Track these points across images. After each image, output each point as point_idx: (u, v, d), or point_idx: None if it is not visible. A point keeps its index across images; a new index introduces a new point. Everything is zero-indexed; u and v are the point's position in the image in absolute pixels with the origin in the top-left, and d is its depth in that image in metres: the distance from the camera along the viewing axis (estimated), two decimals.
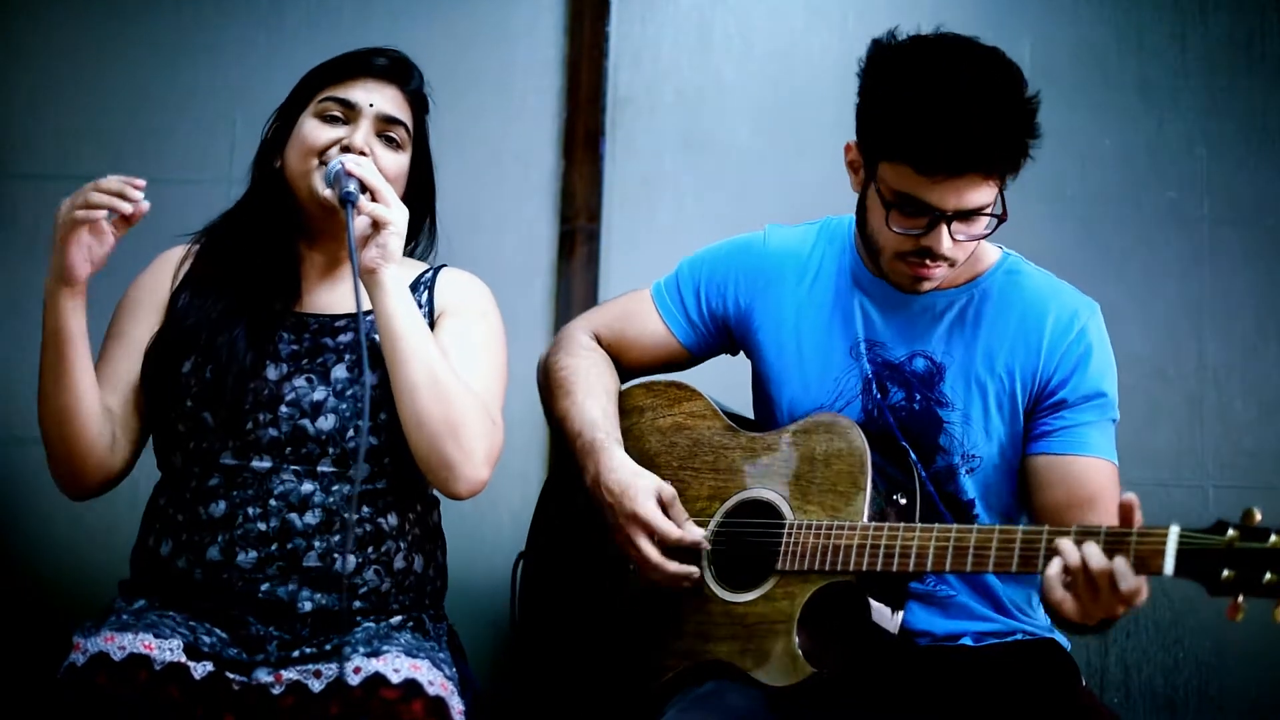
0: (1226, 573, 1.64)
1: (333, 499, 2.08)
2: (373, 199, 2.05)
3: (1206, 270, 2.96)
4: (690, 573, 2.07)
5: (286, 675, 2.00)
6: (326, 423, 2.10)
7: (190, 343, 2.14)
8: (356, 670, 1.96)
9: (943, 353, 2.15)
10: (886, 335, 2.17)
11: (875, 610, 1.98)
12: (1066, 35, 3.01)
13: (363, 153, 2.13)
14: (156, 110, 2.98)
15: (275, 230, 2.19)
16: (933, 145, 1.93)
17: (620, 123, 3.00)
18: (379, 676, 1.94)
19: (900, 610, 2.02)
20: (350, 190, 2.04)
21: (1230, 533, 1.66)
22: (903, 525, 1.95)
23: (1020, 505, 2.18)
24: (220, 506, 2.08)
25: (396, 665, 1.96)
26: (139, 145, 2.98)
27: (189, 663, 1.96)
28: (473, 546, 2.65)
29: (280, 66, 2.27)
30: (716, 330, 2.31)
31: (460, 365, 2.11)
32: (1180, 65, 3.00)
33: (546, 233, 2.97)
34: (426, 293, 2.23)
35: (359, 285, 1.98)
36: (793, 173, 2.97)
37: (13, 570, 2.88)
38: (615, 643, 2.18)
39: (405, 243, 2.11)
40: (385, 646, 2.01)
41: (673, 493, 2.12)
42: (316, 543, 2.07)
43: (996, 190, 2.02)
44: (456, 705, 1.98)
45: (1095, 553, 1.74)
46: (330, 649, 2.02)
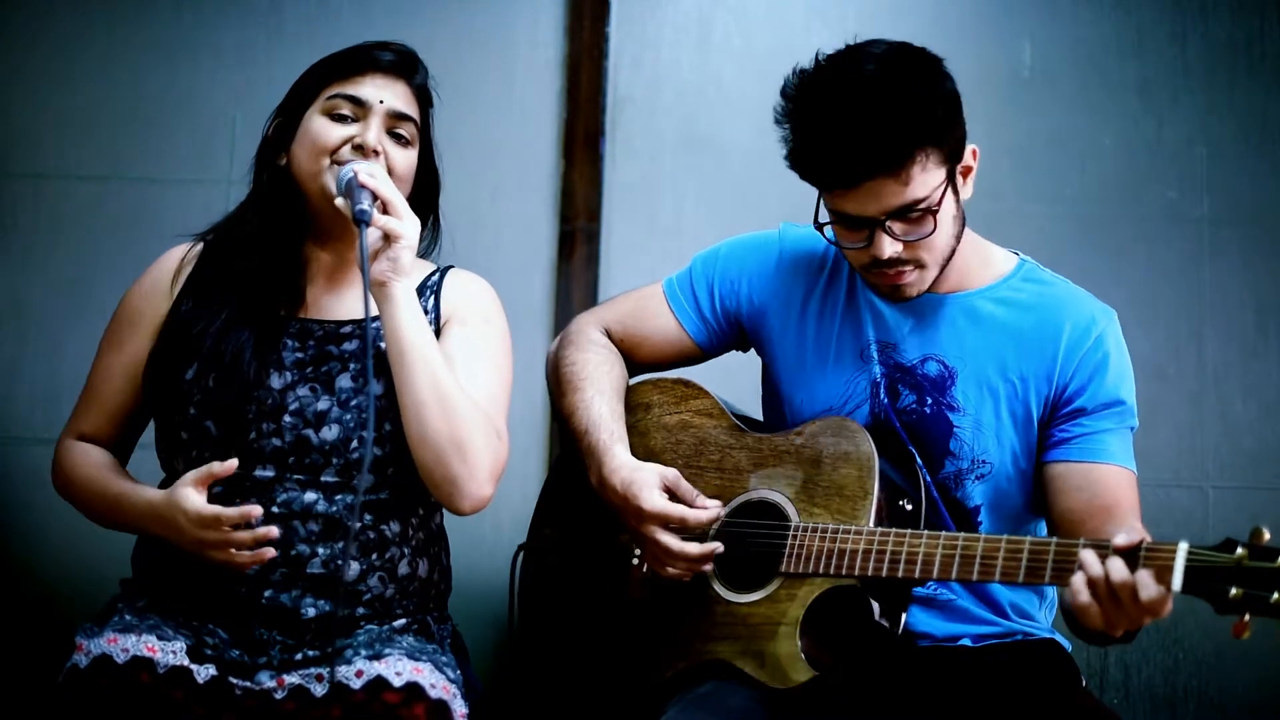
0: (1234, 591, 1.64)
1: (335, 508, 2.06)
2: (384, 210, 2.03)
3: (1206, 270, 2.96)
4: (714, 548, 2.06)
5: (289, 679, 1.99)
6: (330, 433, 2.08)
7: (194, 350, 2.11)
8: (359, 674, 1.95)
9: (955, 357, 2.13)
10: (899, 337, 2.16)
11: (876, 624, 1.98)
12: (1066, 35, 3.01)
13: (375, 151, 2.10)
14: (156, 110, 2.98)
15: (281, 231, 2.16)
16: (821, 166, 1.99)
17: (620, 123, 3.00)
18: (381, 680, 1.94)
19: (900, 622, 2.02)
20: (364, 208, 2.01)
21: (1239, 551, 1.65)
22: (909, 531, 1.94)
23: (1034, 512, 2.17)
24: None
25: (398, 668, 1.96)
26: (139, 145, 2.98)
27: (192, 666, 1.95)
28: (474, 547, 2.65)
29: (280, 66, 2.27)
30: (729, 327, 2.30)
31: (466, 375, 2.10)
32: (1180, 65, 3.00)
33: (546, 233, 2.97)
34: (433, 297, 2.21)
35: (369, 301, 1.97)
36: (792, 173, 2.96)
37: (13, 570, 2.88)
38: (616, 640, 2.17)
39: None
40: (387, 650, 2.01)
41: (675, 474, 2.10)
42: (320, 550, 2.05)
43: (925, 172, 1.97)
44: (459, 709, 1.98)
45: (1118, 566, 1.73)
46: (332, 652, 2.02)
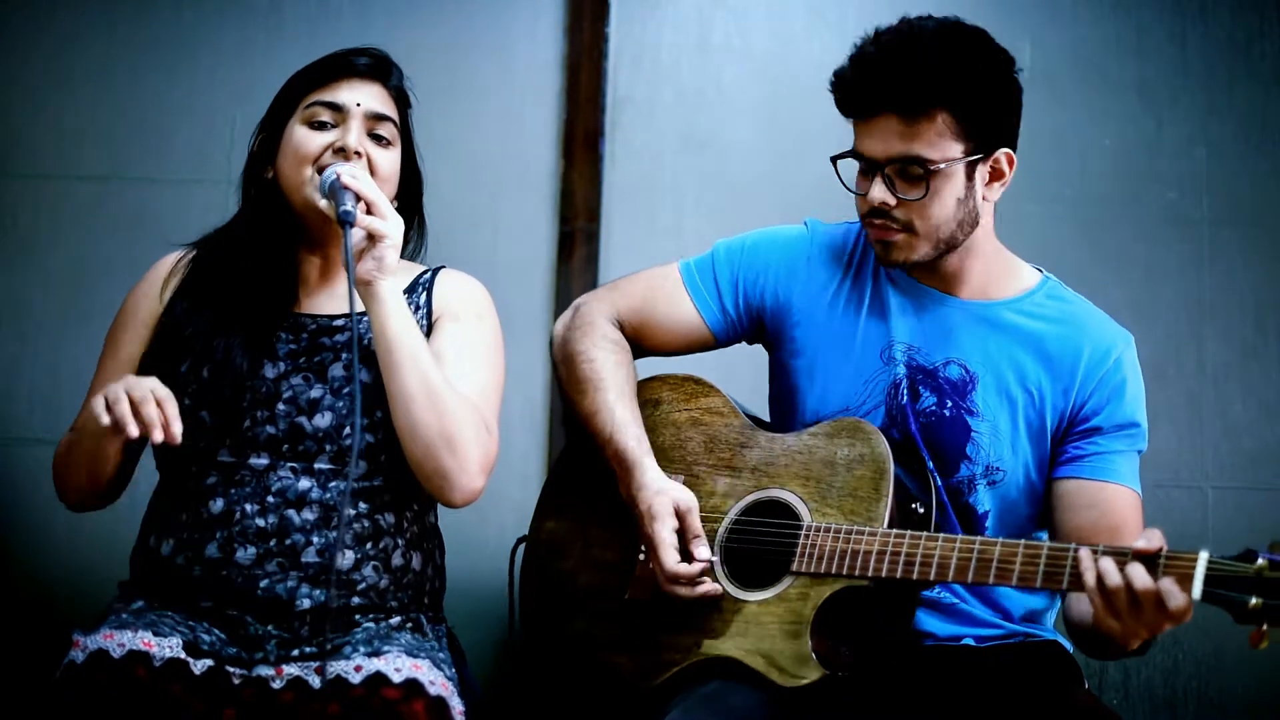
0: (1254, 601, 1.65)
1: (330, 495, 2.09)
2: (368, 211, 2.05)
3: (1206, 270, 2.96)
4: (705, 592, 2.05)
5: (287, 670, 2.00)
6: (323, 420, 2.11)
7: (187, 347, 2.15)
8: (358, 669, 1.96)
9: (977, 362, 2.14)
10: (922, 340, 2.16)
11: (885, 626, 1.97)
12: (1066, 36, 3.01)
13: (357, 153, 2.13)
14: (156, 110, 2.98)
15: (272, 240, 2.19)
16: (846, 87, 2.05)
17: (620, 123, 3.00)
18: (380, 676, 1.95)
19: (908, 624, 2.02)
20: (348, 209, 2.03)
21: (1260, 561, 1.66)
22: (924, 534, 1.93)
23: (1038, 525, 2.18)
24: (219, 504, 2.09)
25: (398, 665, 1.97)
26: (139, 145, 2.98)
27: (188, 659, 1.96)
28: (473, 548, 2.64)
29: (280, 67, 2.27)
30: (749, 320, 2.28)
31: (456, 372, 2.12)
32: (1180, 66, 3.00)
33: (546, 233, 2.97)
34: (425, 294, 2.24)
35: (354, 299, 1.99)
36: (792, 173, 2.97)
37: (13, 570, 2.89)
38: (620, 637, 2.16)
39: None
40: (386, 646, 2.01)
41: (691, 502, 2.10)
42: (315, 538, 2.07)
43: (936, 132, 2.01)
44: (457, 705, 1.99)
45: (1140, 574, 1.73)
46: (330, 648, 2.03)
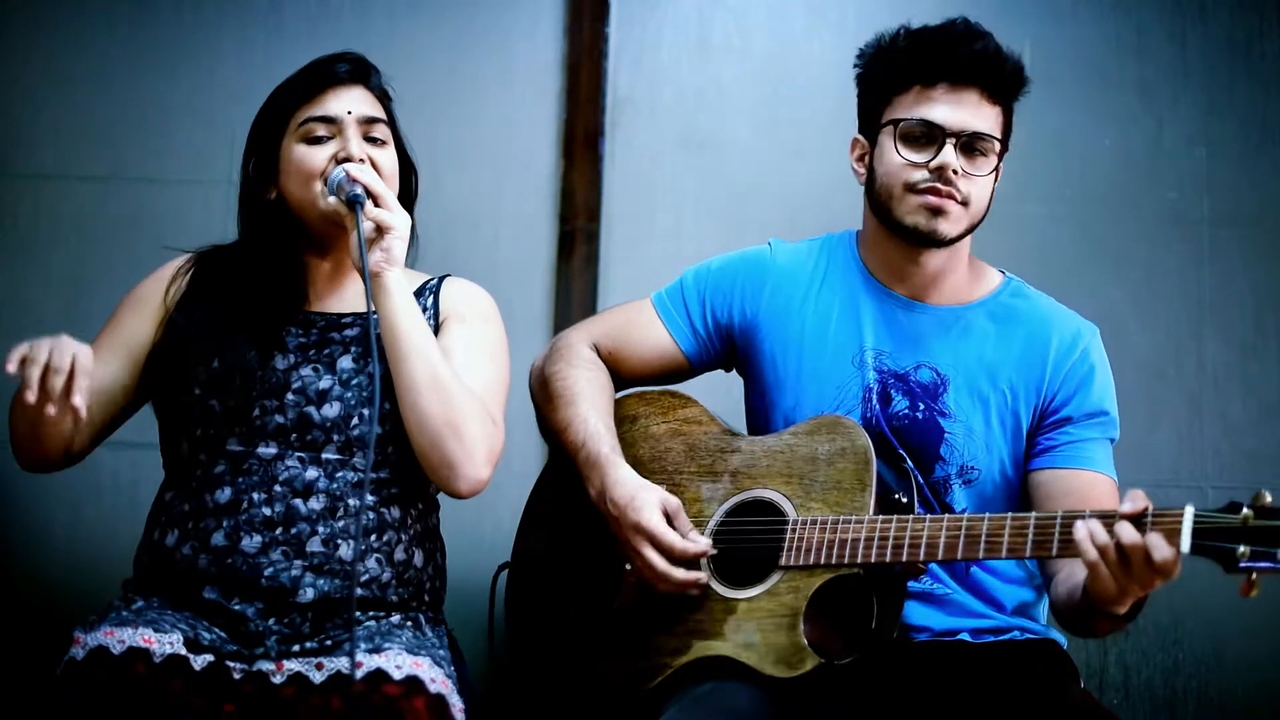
0: (1242, 549, 1.68)
1: (337, 485, 2.10)
2: (376, 205, 2.09)
3: (1206, 270, 2.96)
4: (697, 579, 2.07)
5: (288, 665, 2.01)
6: (331, 410, 2.12)
7: (198, 340, 2.16)
8: (358, 665, 1.96)
9: (948, 365, 2.17)
10: (892, 345, 2.20)
11: (876, 615, 1.98)
12: (1066, 36, 3.01)
13: (361, 160, 2.15)
14: (156, 110, 2.98)
15: (280, 254, 2.22)
16: (937, 54, 2.11)
17: (620, 123, 3.00)
18: (381, 672, 1.96)
19: (898, 616, 2.02)
20: (358, 193, 2.08)
21: (1245, 512, 1.70)
22: (911, 517, 1.96)
23: None
24: (226, 493, 2.10)
25: (398, 662, 1.98)
26: (139, 145, 2.98)
27: (188, 655, 1.97)
28: (472, 546, 2.64)
29: (280, 67, 2.27)
30: (720, 340, 2.32)
31: (463, 368, 2.14)
32: (1180, 66, 3.00)
33: (546, 233, 2.97)
34: (431, 298, 2.26)
35: (369, 282, 2.03)
36: (792, 173, 2.97)
37: (13, 570, 2.88)
38: (611, 644, 2.17)
39: None
40: (386, 644, 2.02)
41: (677, 504, 2.12)
42: (320, 528, 2.08)
43: (998, 122, 2.14)
44: (456, 703, 1.99)
45: (1128, 530, 1.76)
46: (331, 644, 2.04)
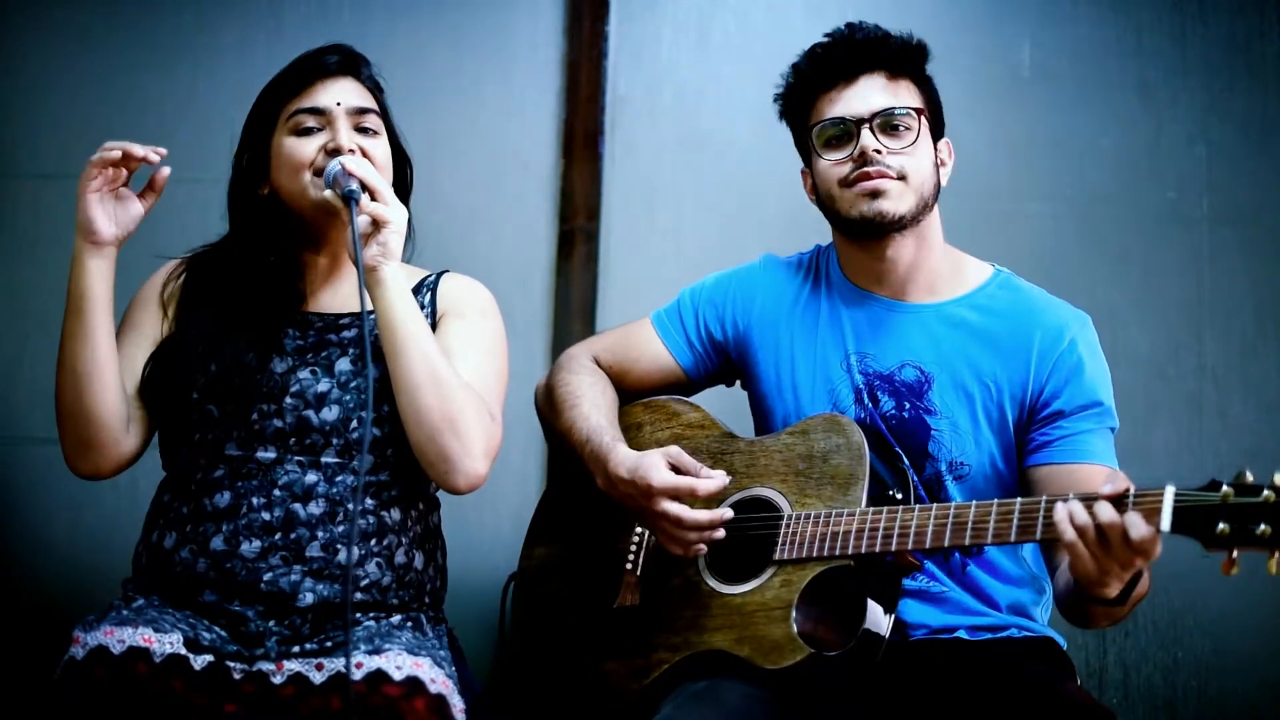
0: (1222, 527, 1.68)
1: (336, 489, 2.10)
2: (372, 198, 2.08)
3: (1206, 270, 2.96)
4: (723, 515, 2.08)
5: (288, 665, 2.01)
6: (330, 414, 2.12)
7: (195, 344, 2.16)
8: (358, 665, 1.96)
9: (931, 362, 2.19)
10: (875, 346, 2.22)
11: (870, 609, 1.98)
12: (1066, 36, 3.01)
13: (350, 150, 2.14)
14: (156, 110, 2.98)
15: (274, 250, 2.21)
16: (826, 60, 2.20)
17: (619, 122, 3.00)
18: (381, 673, 1.95)
19: (892, 612, 2.02)
20: (353, 188, 2.07)
21: (1225, 489, 1.70)
22: (900, 508, 1.98)
23: None
24: (225, 497, 2.10)
25: (399, 662, 1.98)
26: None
27: (188, 654, 1.97)
28: (472, 546, 2.65)
29: (279, 67, 2.27)
30: (716, 354, 2.35)
31: (461, 363, 2.13)
32: (1180, 65, 3.00)
33: (546, 232, 2.97)
34: (429, 294, 2.26)
35: (364, 278, 2.02)
36: (791, 172, 2.95)
37: (13, 570, 2.89)
38: (610, 642, 2.18)
39: None
40: (387, 644, 2.02)
41: (677, 449, 2.13)
42: (320, 533, 2.08)
43: (912, 94, 2.19)
44: (457, 703, 1.99)
45: (1106, 509, 1.77)
46: (330, 645, 2.03)
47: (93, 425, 2.10)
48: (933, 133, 2.21)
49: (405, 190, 2.29)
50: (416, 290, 2.24)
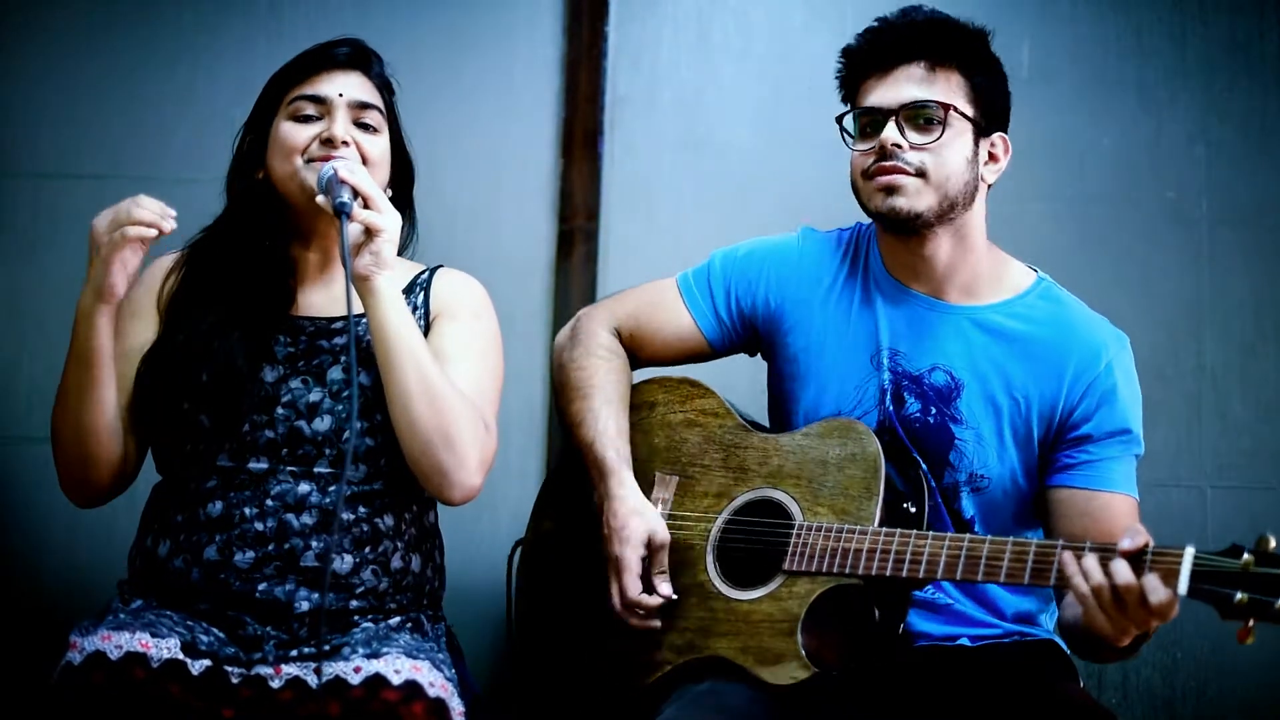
0: (1240, 596, 1.65)
1: (329, 499, 2.08)
2: (365, 205, 2.05)
3: (1205, 270, 2.96)
4: (649, 625, 2.09)
5: (286, 669, 2.00)
6: (322, 424, 2.11)
7: (186, 349, 2.14)
8: (357, 669, 1.96)
9: (963, 368, 2.14)
10: (908, 345, 2.17)
11: (877, 625, 1.97)
12: (1065, 36, 3.01)
13: (345, 142, 2.13)
14: (156, 110, 2.98)
15: (266, 238, 2.19)
16: (868, 45, 2.14)
17: (619, 122, 3.00)
18: (379, 677, 1.94)
19: (900, 624, 2.02)
20: (344, 200, 2.03)
21: (1245, 557, 1.66)
22: (914, 532, 1.94)
23: (1024, 525, 2.18)
24: (218, 506, 2.09)
25: (397, 666, 1.97)
26: (139, 145, 2.98)
27: (186, 659, 1.96)
28: (472, 546, 2.65)
29: (279, 67, 2.27)
30: (743, 328, 2.30)
31: (455, 369, 2.12)
32: (1179, 66, 3.00)
33: (545, 232, 2.97)
34: (423, 294, 2.24)
35: (352, 295, 1.98)
36: (791, 173, 2.97)
37: (11, 570, 2.88)
38: (614, 636, 2.17)
39: None
40: (385, 648, 2.01)
41: (664, 540, 2.11)
42: (314, 542, 2.07)
43: (950, 87, 2.11)
44: (456, 706, 1.99)
45: (1123, 570, 1.75)
46: (329, 649, 2.02)
47: (94, 470, 2.12)
48: (977, 127, 2.12)
49: (406, 196, 2.28)
50: (410, 289, 2.23)
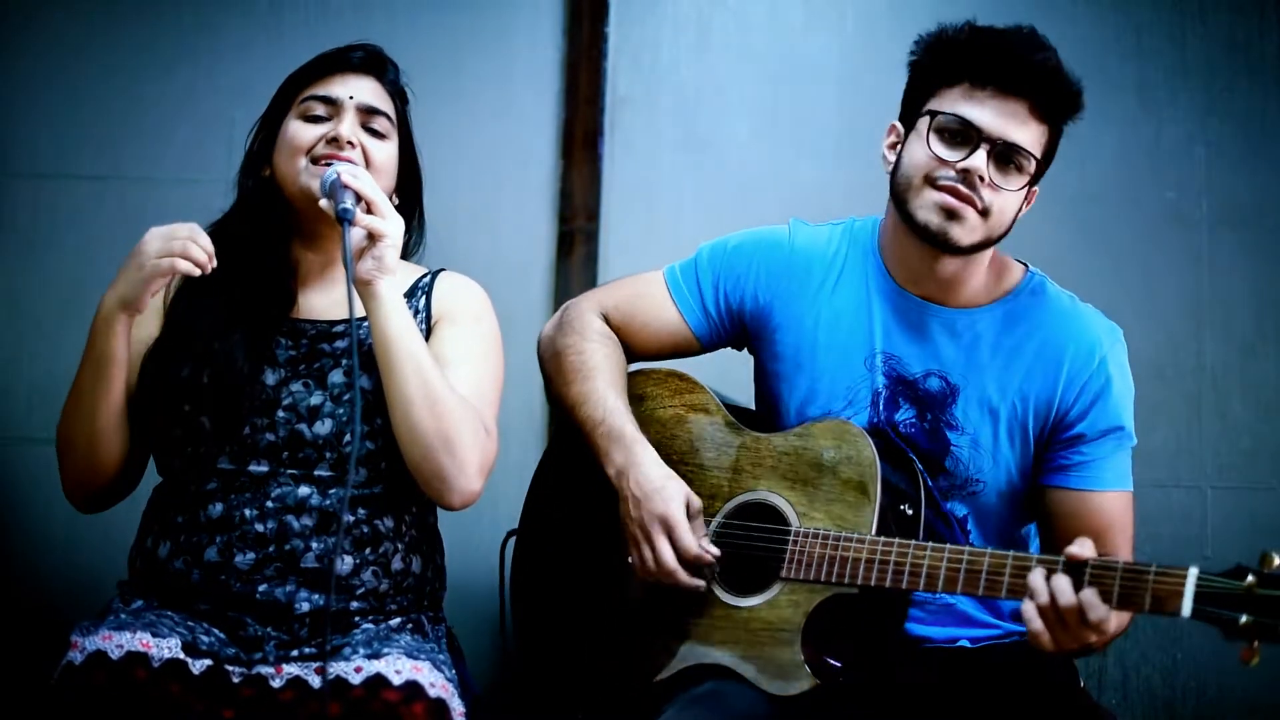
0: (1245, 619, 1.63)
1: (329, 502, 2.08)
2: (368, 210, 2.05)
3: (1205, 270, 2.96)
4: (699, 585, 2.06)
5: (287, 669, 2.00)
6: (323, 427, 2.10)
7: (187, 348, 2.14)
8: (358, 670, 1.96)
9: (959, 375, 2.13)
10: (904, 349, 2.15)
11: (877, 633, 1.97)
12: (1065, 36, 2.96)
13: (350, 144, 2.13)
14: (156, 110, 2.98)
15: (270, 237, 2.20)
16: (994, 56, 2.03)
17: (619, 123, 2.99)
18: (380, 678, 1.94)
19: (899, 631, 2.01)
20: (346, 206, 2.03)
21: (1249, 578, 1.64)
22: (913, 543, 1.92)
23: (1018, 523, 2.19)
24: (218, 508, 2.09)
25: (398, 667, 1.97)
26: (139, 145, 2.98)
27: (187, 659, 1.96)
28: (471, 546, 2.64)
29: (279, 67, 2.27)
30: (731, 322, 2.28)
31: (455, 373, 2.12)
32: (1179, 66, 3.00)
33: (545, 233, 2.97)
34: (424, 298, 2.24)
35: (353, 300, 1.98)
36: (791, 173, 2.97)
37: (12, 570, 2.89)
38: (613, 639, 2.17)
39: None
40: (386, 648, 2.01)
41: (699, 505, 2.10)
42: (314, 544, 2.07)
43: (1041, 141, 2.07)
44: (457, 707, 1.99)
45: (1064, 586, 1.75)
46: (330, 650, 2.02)
47: (101, 473, 2.13)
48: (1036, 179, 2.10)
49: (414, 204, 2.29)
50: (412, 293, 2.23)
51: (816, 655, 1.96)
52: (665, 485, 2.09)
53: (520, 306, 2.87)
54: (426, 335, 2.19)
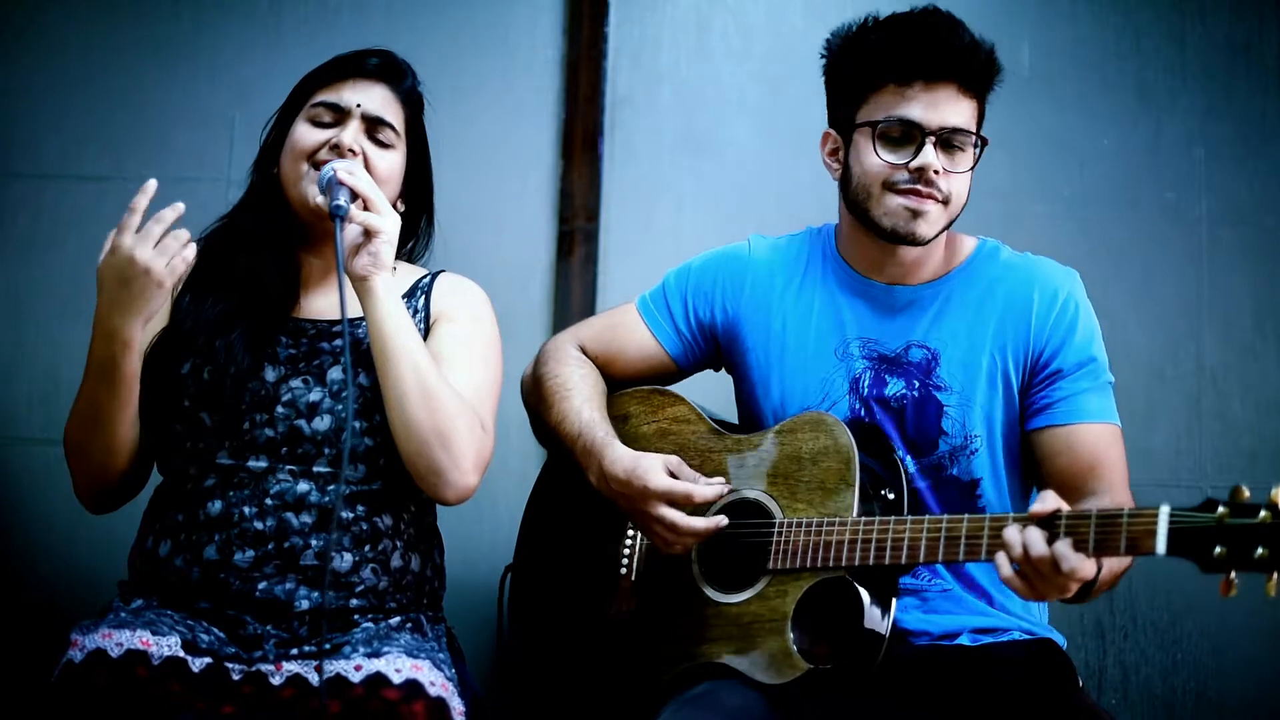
0: (1218, 550, 1.65)
1: (328, 498, 2.09)
2: (364, 207, 2.06)
3: (1205, 270, 2.96)
4: (719, 523, 2.07)
5: (287, 667, 2.00)
6: (322, 423, 2.11)
7: (189, 345, 2.15)
8: (357, 668, 1.96)
9: (936, 340, 2.18)
10: (878, 331, 2.20)
11: (866, 614, 1.98)
12: (1065, 36, 3.01)
13: (352, 151, 2.14)
14: (156, 110, 2.98)
15: (275, 235, 2.21)
16: (911, 50, 2.07)
17: (619, 123, 3.00)
18: (380, 676, 1.95)
19: (889, 612, 2.02)
20: (340, 203, 2.05)
21: (1220, 510, 1.66)
22: (893, 519, 1.96)
23: (1027, 478, 2.20)
24: (217, 506, 2.09)
25: (398, 665, 1.97)
26: (139, 145, 2.98)
27: (187, 657, 1.97)
28: (471, 546, 2.65)
29: (279, 67, 2.28)
30: (704, 340, 2.32)
31: (453, 371, 2.13)
32: (1178, 66, 3.00)
33: (545, 233, 2.97)
34: (424, 298, 2.25)
35: (345, 296, 1.99)
36: (791, 173, 2.97)
37: (12, 570, 2.88)
38: (609, 650, 2.18)
39: (402, 240, 2.13)
40: (386, 647, 2.02)
41: (678, 460, 2.13)
42: (313, 541, 2.08)
43: (974, 115, 2.11)
44: (457, 706, 1.99)
45: (1036, 539, 1.78)
46: (329, 648, 2.03)
47: (111, 480, 2.15)
48: (979, 150, 2.14)
49: (424, 207, 2.31)
50: (411, 293, 2.24)
51: (808, 641, 1.98)
52: (637, 464, 2.11)
53: (520, 306, 2.88)
54: (425, 335, 2.20)
